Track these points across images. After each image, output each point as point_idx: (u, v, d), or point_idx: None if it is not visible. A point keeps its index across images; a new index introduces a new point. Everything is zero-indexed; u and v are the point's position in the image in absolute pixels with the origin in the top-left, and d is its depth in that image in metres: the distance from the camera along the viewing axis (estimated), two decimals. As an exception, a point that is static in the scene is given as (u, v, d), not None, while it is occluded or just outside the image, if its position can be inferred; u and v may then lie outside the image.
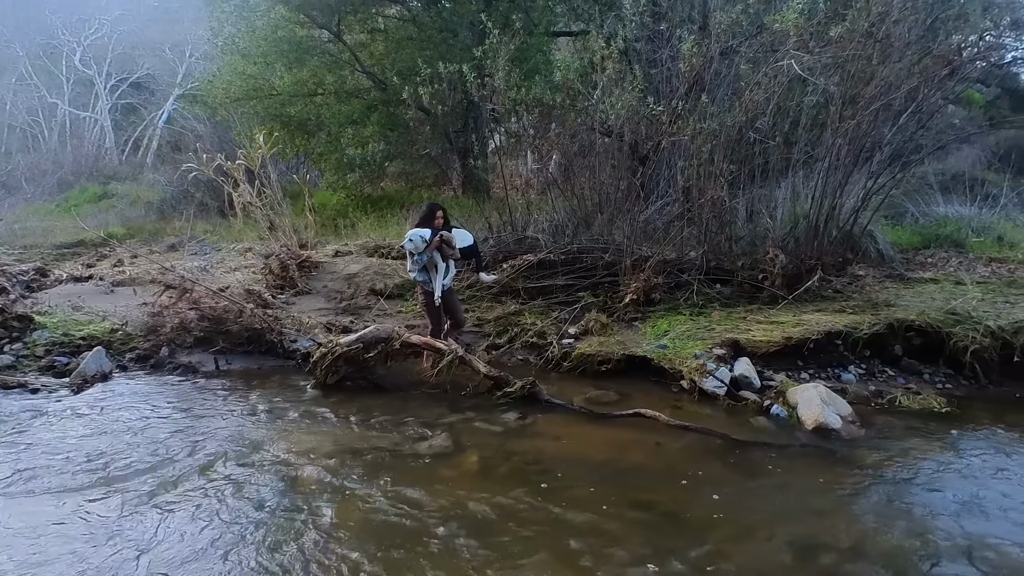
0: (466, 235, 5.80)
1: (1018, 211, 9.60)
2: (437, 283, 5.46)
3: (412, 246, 5.34)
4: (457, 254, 5.59)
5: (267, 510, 3.35)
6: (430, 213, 5.63)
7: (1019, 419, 4.67)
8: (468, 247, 5.75)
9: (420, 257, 5.39)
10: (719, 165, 6.64)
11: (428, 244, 5.35)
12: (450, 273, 5.63)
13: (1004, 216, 9.24)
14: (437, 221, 5.56)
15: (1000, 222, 8.99)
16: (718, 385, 5.04)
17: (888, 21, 6.19)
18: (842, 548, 3.04)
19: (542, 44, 11.07)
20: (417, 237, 5.33)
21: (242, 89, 12.28)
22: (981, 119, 15.43)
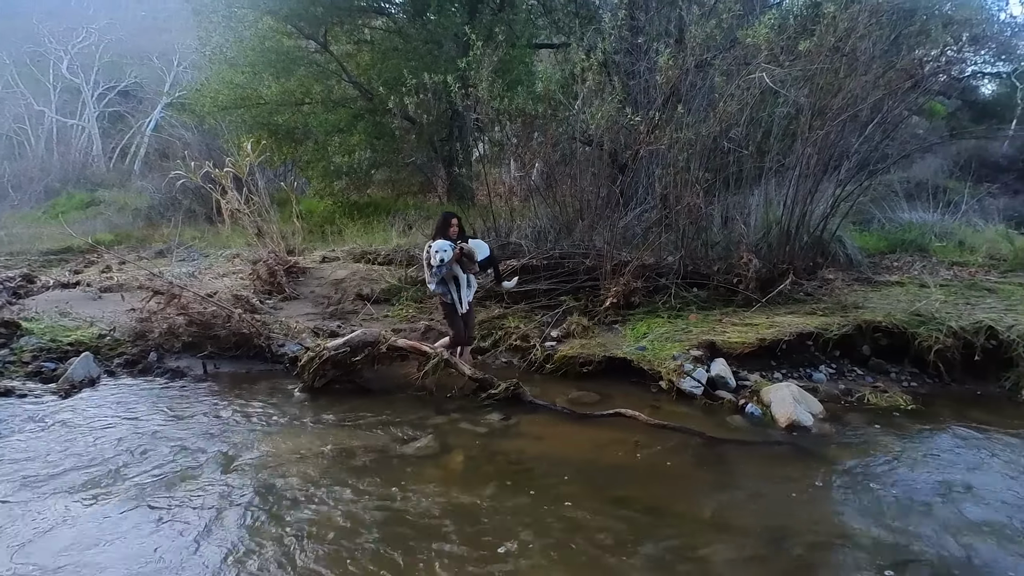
0: (483, 246, 5.60)
1: (978, 217, 9.83)
2: (463, 297, 5.30)
3: (445, 256, 5.05)
4: (477, 267, 5.38)
5: (254, 512, 3.32)
6: (445, 222, 5.39)
7: (980, 415, 4.76)
8: (486, 258, 5.57)
9: (439, 269, 5.12)
10: (695, 173, 6.71)
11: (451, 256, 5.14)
12: (472, 286, 5.45)
13: (965, 222, 9.46)
14: (452, 230, 5.34)
15: (961, 228, 9.20)
16: (695, 385, 5.09)
17: (854, 36, 6.32)
18: (813, 539, 3.09)
19: (524, 56, 11.13)
20: (448, 248, 5.08)
21: (230, 98, 12.16)
22: (943, 130, 15.81)
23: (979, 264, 7.83)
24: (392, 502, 3.42)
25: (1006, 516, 3.30)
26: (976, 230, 9.14)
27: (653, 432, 4.40)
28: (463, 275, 5.26)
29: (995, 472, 3.84)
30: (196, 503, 3.39)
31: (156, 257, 10.61)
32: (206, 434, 4.35)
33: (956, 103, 21.01)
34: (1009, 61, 23.40)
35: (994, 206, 10.94)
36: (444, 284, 5.30)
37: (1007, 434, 4.38)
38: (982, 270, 7.61)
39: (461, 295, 5.30)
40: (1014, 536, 3.10)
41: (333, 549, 2.98)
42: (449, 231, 5.31)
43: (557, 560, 2.90)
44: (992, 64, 23.74)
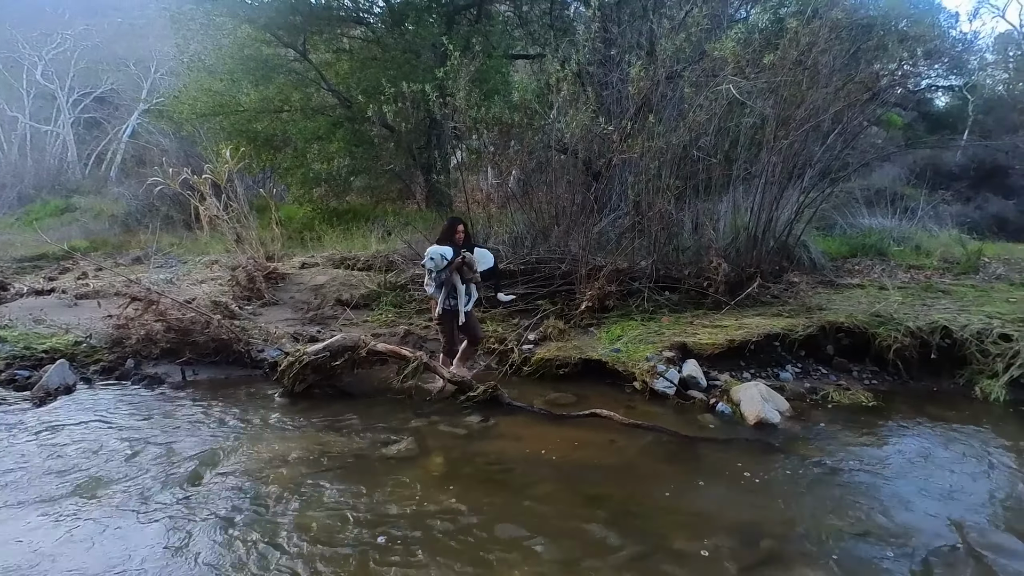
0: (487, 256, 5.38)
1: (933, 223, 10.11)
2: (460, 305, 5.12)
3: (432, 265, 4.91)
4: (478, 277, 5.15)
5: (234, 517, 3.26)
6: (451, 228, 5.20)
7: (937, 411, 4.91)
8: (489, 269, 5.34)
9: (437, 275, 4.99)
10: (666, 180, 6.81)
11: (449, 263, 4.95)
12: (472, 296, 5.26)
13: (921, 227, 9.71)
14: (458, 236, 5.16)
15: (917, 233, 9.44)
16: (668, 385, 5.15)
17: (815, 50, 6.49)
18: (781, 533, 3.14)
19: (501, 66, 11.18)
20: (438, 255, 4.91)
21: (208, 105, 11.99)
22: (900, 140, 16.24)
23: (934, 267, 8.03)
24: (372, 505, 3.39)
25: (961, 506, 3.40)
26: (931, 235, 9.39)
27: (628, 431, 4.44)
28: (461, 284, 5.07)
29: (950, 465, 3.96)
30: (174, 510, 3.32)
31: (133, 264, 10.38)
32: (184, 440, 4.26)
33: (912, 115, 21.64)
34: (960, 75, 24.20)
35: (948, 212, 11.29)
36: (441, 288, 5.13)
37: (962, 428, 4.53)
38: (937, 273, 7.81)
39: (458, 304, 5.12)
40: (965, 523, 3.20)
41: (313, 552, 2.95)
42: (455, 237, 5.15)
43: (535, 558, 2.91)
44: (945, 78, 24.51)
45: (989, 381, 5.22)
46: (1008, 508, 3.39)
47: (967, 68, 24.40)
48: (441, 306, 5.11)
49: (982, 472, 3.85)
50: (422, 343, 6.33)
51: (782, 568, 2.84)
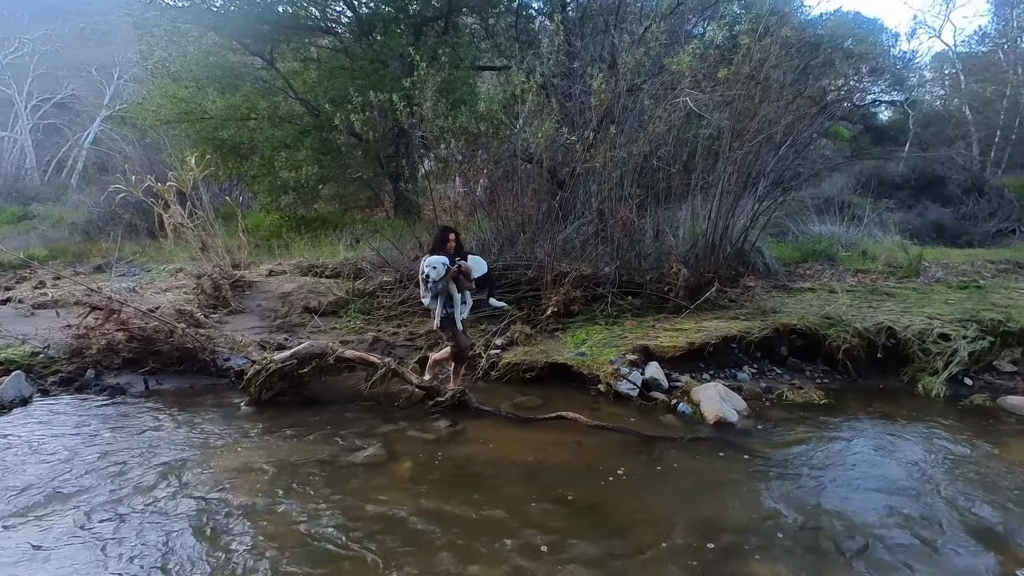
0: (481, 263, 5.22)
1: (878, 229, 10.48)
2: (456, 313, 4.97)
3: (435, 274, 4.74)
4: (473, 285, 5.04)
5: (199, 530, 3.16)
6: (443, 237, 5.07)
7: (884, 407, 5.07)
8: (483, 276, 5.20)
9: (435, 285, 4.82)
10: (628, 189, 6.91)
11: (446, 272, 4.82)
12: (467, 304, 5.14)
13: (867, 233, 10.05)
14: (449, 245, 5.02)
15: (864, 239, 9.76)
16: (631, 387, 5.20)
17: (767, 66, 6.69)
18: (739, 528, 3.19)
19: (468, 77, 11.19)
20: (439, 264, 4.77)
21: (173, 112, 11.69)
22: (847, 151, 16.83)
23: (879, 271, 8.31)
24: (340, 511, 3.33)
25: (905, 496, 3.52)
26: (876, 241, 9.72)
27: (593, 433, 4.46)
28: (456, 293, 4.95)
29: (896, 457, 4.09)
30: (134, 524, 3.19)
31: (94, 272, 10.00)
32: (147, 452, 4.11)
33: (858, 127, 22.48)
34: (901, 91, 25.25)
35: (891, 219, 11.71)
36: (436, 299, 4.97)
37: (906, 424, 4.69)
38: (882, 277, 8.09)
39: (454, 312, 4.97)
40: (910, 513, 3.31)
41: (280, 561, 2.87)
42: (447, 246, 5.01)
43: (502, 560, 2.89)
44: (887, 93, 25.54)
45: (930, 378, 5.43)
46: (950, 498, 3.51)
47: (907, 84, 25.49)
48: (439, 316, 4.96)
49: (926, 465, 3.98)
50: (391, 349, 6.27)
51: (739, 562, 2.89)
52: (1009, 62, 21.39)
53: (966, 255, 9.16)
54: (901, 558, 2.92)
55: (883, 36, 25.26)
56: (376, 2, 12.28)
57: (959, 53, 24.22)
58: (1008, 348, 5.68)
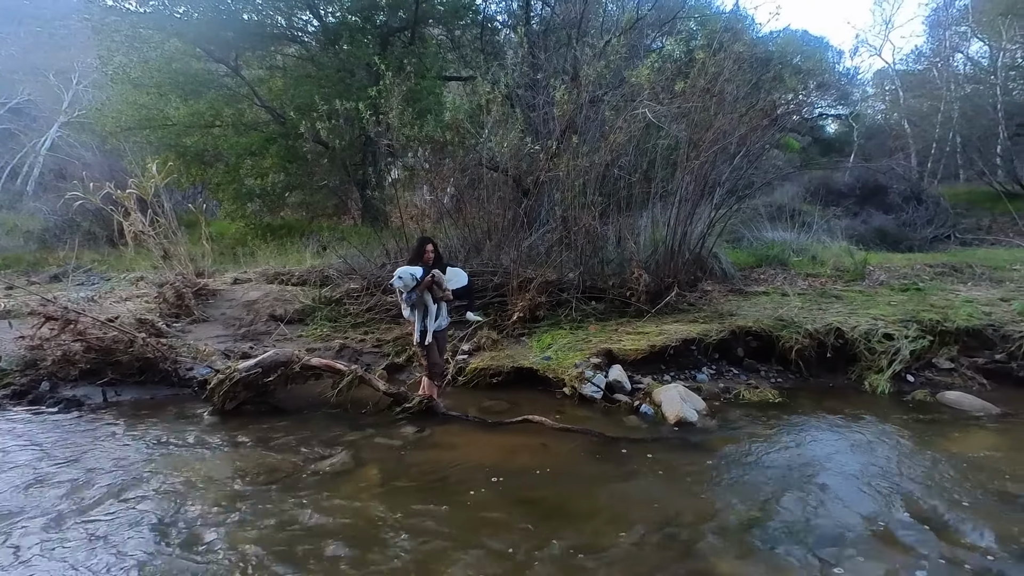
0: (460, 275, 5.03)
1: (826, 236, 10.79)
2: (429, 324, 4.74)
3: (401, 284, 4.60)
4: (449, 295, 4.84)
5: (157, 545, 3.02)
6: (420, 248, 4.91)
7: (834, 404, 5.21)
8: (462, 288, 4.98)
9: (408, 296, 4.67)
10: (591, 197, 6.96)
11: (419, 283, 4.64)
12: (442, 315, 4.90)
13: (816, 239, 10.33)
14: (427, 255, 4.85)
15: (813, 244, 10.02)
16: (595, 390, 5.23)
17: (721, 80, 6.85)
18: (697, 523, 3.23)
19: (434, 87, 11.14)
20: (407, 275, 4.59)
21: (134, 118, 11.30)
22: (797, 161, 17.34)
23: (828, 275, 8.54)
24: (305, 520, 3.24)
25: (854, 487, 3.61)
26: (825, 246, 9.98)
27: (558, 435, 4.46)
28: (432, 305, 4.75)
29: (845, 452, 4.21)
30: (97, 538, 3.03)
31: (50, 282, 9.57)
32: (104, 465, 3.93)
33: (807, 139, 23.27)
34: (846, 105, 26.26)
35: (838, 226, 12.08)
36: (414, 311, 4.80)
37: (855, 419, 4.83)
38: (830, 280, 8.32)
39: (428, 324, 4.76)
40: (859, 503, 3.40)
41: (243, 573, 2.77)
42: (424, 257, 4.84)
43: (469, 563, 2.85)
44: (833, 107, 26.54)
45: (876, 376, 5.61)
46: (895, 488, 3.62)
47: (851, 99, 26.54)
48: (419, 331, 4.79)
49: (873, 458, 4.10)
50: (358, 356, 6.16)
51: (698, 556, 2.91)
52: (943, 79, 22.44)
53: (906, 259, 9.50)
54: (850, 546, 2.99)
55: (829, 54, 26.30)
56: (343, 12, 12.13)
57: (898, 70, 25.35)
58: (946, 347, 5.91)
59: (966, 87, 21.34)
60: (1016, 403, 5.10)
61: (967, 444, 4.32)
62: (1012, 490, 3.58)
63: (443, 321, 4.95)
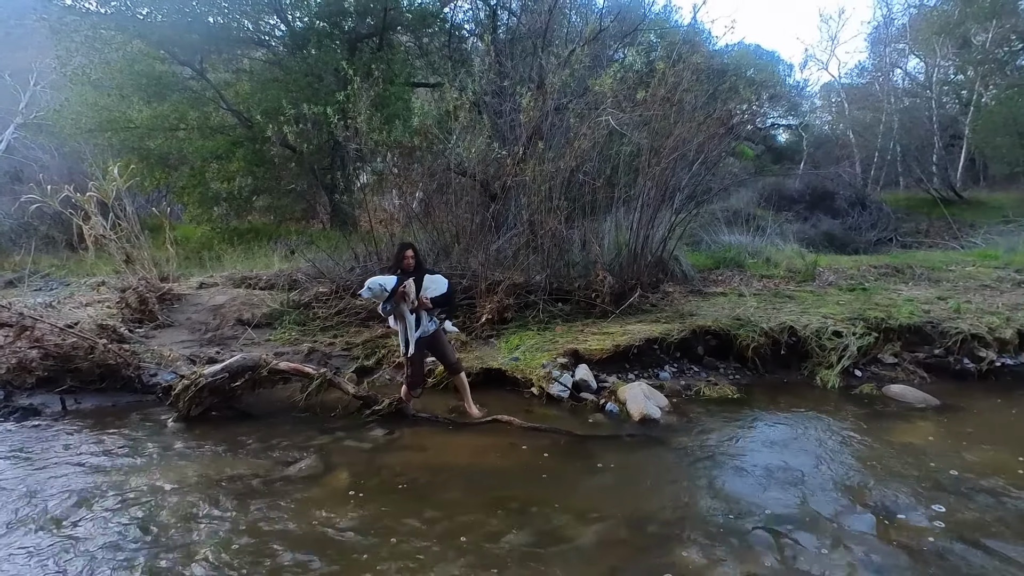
0: (440, 282, 4.66)
1: (779, 239, 11.08)
2: (409, 336, 4.49)
3: (370, 295, 4.36)
4: (428, 304, 4.49)
5: (126, 551, 2.89)
6: (399, 254, 4.61)
7: (788, 399, 5.35)
8: (441, 296, 4.61)
9: (385, 306, 4.46)
10: (557, 202, 6.98)
11: (392, 293, 4.37)
12: (423, 322, 4.58)
13: (770, 243, 10.57)
14: (406, 262, 4.53)
15: (767, 247, 10.25)
16: (562, 389, 5.23)
17: (680, 90, 6.96)
18: (662, 517, 3.26)
19: (402, 93, 11.04)
20: (376, 286, 4.36)
21: (95, 120, 10.84)
22: (751, 169, 17.78)
23: (781, 276, 8.74)
24: (274, 527, 3.14)
25: (807, 477, 3.70)
26: (778, 249, 10.22)
27: (527, 434, 4.45)
28: (410, 315, 4.48)
29: (799, 443, 4.32)
30: (57, 550, 2.87)
31: (5, 287, 9.07)
32: (64, 474, 3.74)
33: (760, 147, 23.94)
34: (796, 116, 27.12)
35: (790, 230, 12.45)
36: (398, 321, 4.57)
37: (807, 413, 4.96)
38: (784, 281, 8.52)
39: (409, 335, 4.51)
40: (812, 492, 3.49)
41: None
42: (403, 264, 4.54)
43: (439, 566, 2.81)
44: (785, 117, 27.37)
45: (826, 371, 5.77)
46: (844, 477, 3.73)
47: (801, 110, 27.43)
48: (402, 341, 4.58)
49: (824, 449, 4.21)
50: (327, 360, 6.03)
51: (664, 550, 2.93)
52: (884, 92, 23.39)
53: (853, 261, 9.81)
54: (804, 533, 3.06)
55: (780, 67, 27.13)
56: (310, 17, 11.90)
57: (843, 84, 26.31)
58: (890, 343, 6.13)
59: (905, 100, 22.32)
60: (954, 395, 5.33)
61: (910, 434, 4.48)
62: (950, 476, 3.73)
63: (429, 327, 4.63)
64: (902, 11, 23.83)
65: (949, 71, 21.71)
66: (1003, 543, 2.98)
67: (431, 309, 4.56)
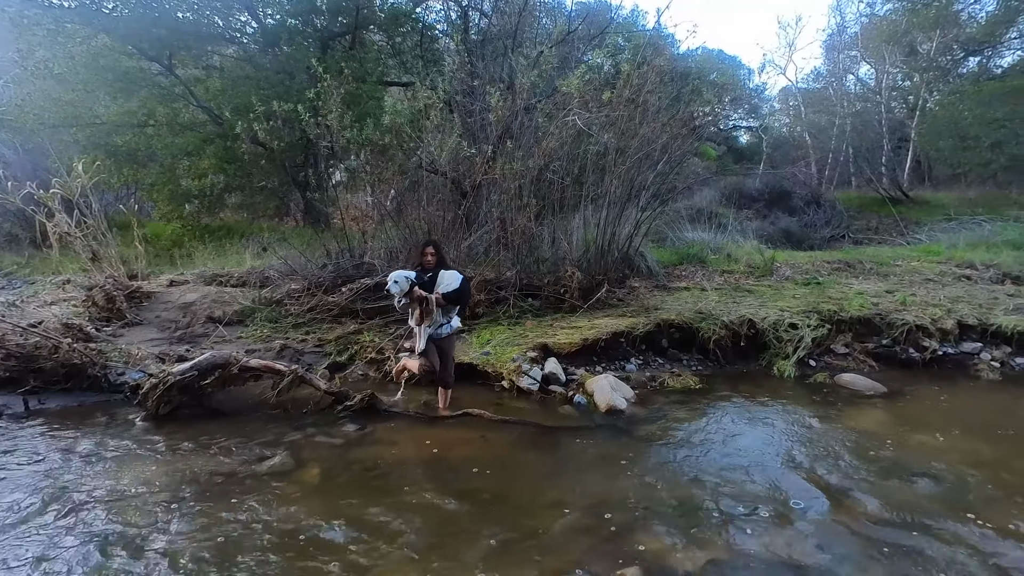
0: (455, 277, 4.48)
1: (739, 235, 11.28)
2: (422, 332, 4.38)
3: (397, 289, 4.22)
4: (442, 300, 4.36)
5: (95, 552, 2.77)
6: (420, 251, 4.60)
7: (747, 388, 5.45)
8: (453, 292, 4.41)
9: (401, 300, 4.32)
10: (526, 199, 6.97)
11: (409, 292, 4.26)
12: (439, 322, 4.49)
13: (730, 239, 10.76)
14: (426, 259, 4.49)
15: (728, 244, 10.43)
16: (532, 382, 5.24)
17: (644, 91, 7.01)
18: (626, 504, 3.29)
19: (375, 91, 10.83)
20: (402, 278, 4.23)
21: (59, 116, 10.36)
22: (713, 168, 18.05)
23: (741, 271, 8.90)
24: (243, 524, 3.06)
25: (764, 462, 3.78)
26: (738, 245, 10.40)
27: (497, 427, 4.44)
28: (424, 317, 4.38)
29: (757, 430, 4.42)
30: (19, 555, 2.74)
31: (-35, 286, 8.63)
32: (29, 475, 3.58)
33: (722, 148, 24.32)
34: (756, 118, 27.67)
35: (750, 227, 12.68)
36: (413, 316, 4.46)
37: (765, 401, 5.07)
38: (743, 276, 8.68)
39: (421, 335, 4.42)
40: (769, 476, 3.57)
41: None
42: (424, 260, 4.51)
43: (410, 558, 2.78)
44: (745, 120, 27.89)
45: (783, 361, 5.91)
46: (799, 460, 3.83)
47: (760, 113, 27.99)
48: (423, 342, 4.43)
49: (781, 434, 4.32)
50: (299, 356, 5.90)
51: (627, 536, 2.96)
52: (837, 97, 24.04)
53: (808, 257, 10.05)
54: (761, 515, 3.13)
55: (741, 72, 27.61)
56: (282, 14, 11.60)
57: (800, 88, 26.95)
58: (841, 334, 6.30)
59: (856, 104, 22.97)
60: (899, 382, 5.52)
61: (860, 420, 4.62)
62: (897, 458, 3.86)
63: (443, 330, 4.54)
64: (854, 20, 24.53)
65: (897, 77, 22.42)
66: (940, 520, 3.10)
67: (443, 305, 4.45)
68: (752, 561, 2.76)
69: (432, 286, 4.43)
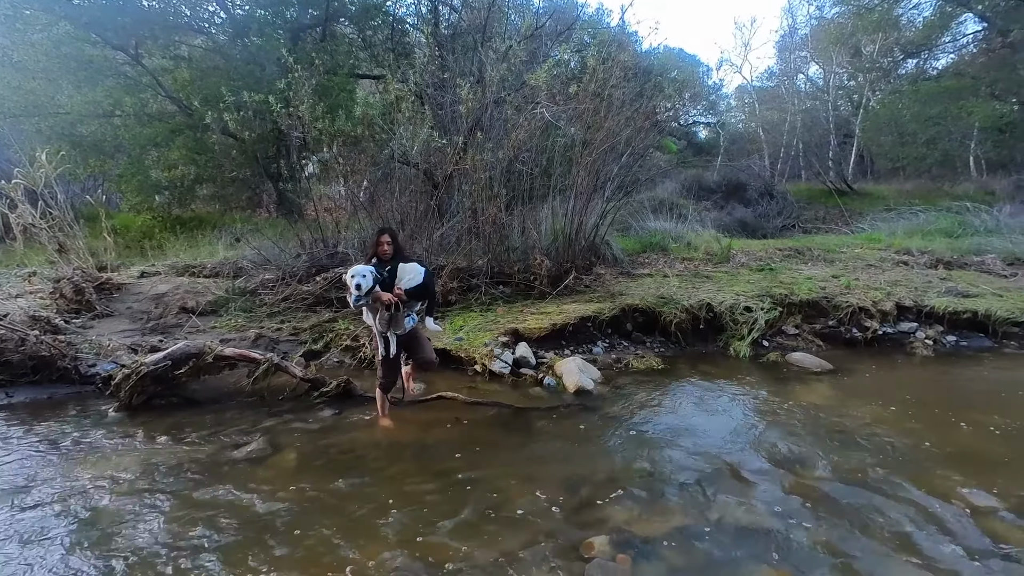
0: (416, 271, 3.95)
1: (699, 225, 11.48)
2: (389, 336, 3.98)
3: (366, 284, 3.67)
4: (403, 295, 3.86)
5: (71, 545, 2.66)
6: (375, 240, 4.00)
7: (706, 368, 5.58)
8: (416, 287, 3.90)
9: (360, 300, 3.73)
10: (496, 190, 6.93)
11: (370, 291, 3.73)
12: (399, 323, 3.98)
13: (690, 228, 10.94)
14: (382, 248, 3.94)
15: (688, 232, 10.59)
16: (504, 366, 5.25)
17: (609, 86, 7.02)
18: (595, 480, 3.33)
19: (346, 84, 10.56)
20: (368, 272, 3.71)
21: (19, 105, 9.80)
22: (674, 161, 18.29)
23: (700, 259, 9.06)
24: (219, 509, 2.98)
25: (723, 437, 3.88)
26: (698, 234, 10.57)
27: (471, 409, 4.44)
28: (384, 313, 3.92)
29: (716, 407, 4.52)
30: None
31: (-76, 279, 8.12)
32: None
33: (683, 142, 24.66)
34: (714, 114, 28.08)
35: (708, 217, 12.93)
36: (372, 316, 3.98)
37: (723, 380, 5.19)
38: (702, 263, 8.84)
39: (389, 337, 4.01)
40: (727, 450, 3.67)
41: (152, 566, 2.50)
42: (380, 249, 3.95)
43: (385, 539, 2.76)
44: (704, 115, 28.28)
45: (739, 343, 6.07)
46: (755, 435, 3.94)
47: (718, 109, 28.41)
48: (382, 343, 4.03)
49: (737, 411, 4.44)
50: (274, 345, 5.77)
51: (596, 509, 3.01)
52: (788, 95, 24.59)
53: (762, 245, 10.29)
54: (719, 485, 3.22)
55: (700, 69, 27.93)
56: (251, 5, 11.16)
57: (754, 86, 27.45)
58: (792, 316, 6.50)
59: (806, 102, 23.56)
60: (845, 360, 5.73)
61: (808, 394, 4.79)
62: (843, 429, 4.01)
63: (407, 324, 4.04)
64: (805, 22, 25.02)
65: (843, 77, 23.05)
66: (882, 482, 3.25)
67: (406, 302, 3.93)
68: (714, 526, 2.84)
69: (391, 282, 3.89)
